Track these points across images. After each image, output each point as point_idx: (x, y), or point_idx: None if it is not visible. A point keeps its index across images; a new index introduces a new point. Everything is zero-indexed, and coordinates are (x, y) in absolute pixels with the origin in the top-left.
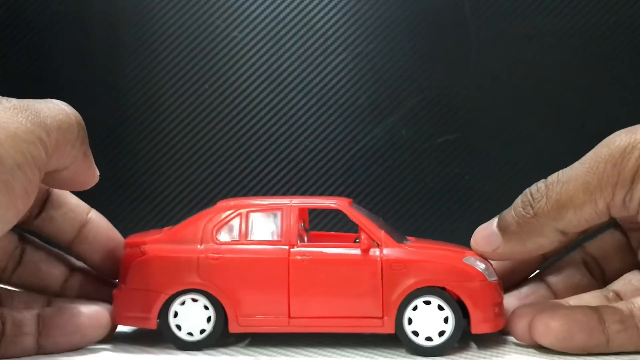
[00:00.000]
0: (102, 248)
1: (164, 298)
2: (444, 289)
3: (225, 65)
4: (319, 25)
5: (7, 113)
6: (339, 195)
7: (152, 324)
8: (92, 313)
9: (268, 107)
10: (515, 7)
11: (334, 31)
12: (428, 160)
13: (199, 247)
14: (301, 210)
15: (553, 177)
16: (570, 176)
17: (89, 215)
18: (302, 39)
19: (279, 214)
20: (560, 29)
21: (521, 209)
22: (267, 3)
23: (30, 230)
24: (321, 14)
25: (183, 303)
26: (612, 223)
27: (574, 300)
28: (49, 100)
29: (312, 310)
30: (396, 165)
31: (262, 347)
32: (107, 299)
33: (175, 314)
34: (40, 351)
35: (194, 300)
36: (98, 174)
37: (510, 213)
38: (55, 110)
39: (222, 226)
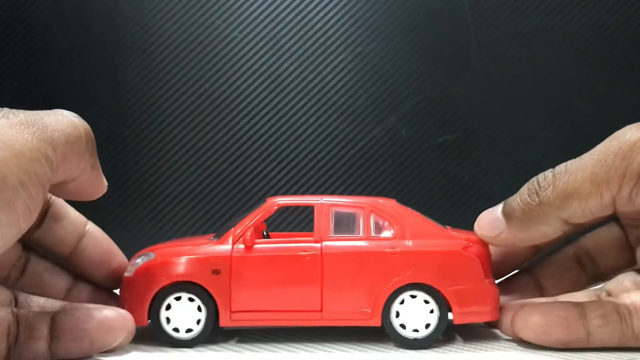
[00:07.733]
0: (100, 259)
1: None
2: None
3: (225, 65)
4: (319, 25)
5: (12, 130)
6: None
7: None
8: (103, 318)
9: (268, 107)
10: (515, 7)
11: (334, 31)
12: (428, 160)
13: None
14: None
15: (561, 167)
16: (578, 167)
17: (87, 228)
18: (302, 39)
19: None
20: (560, 29)
21: (527, 196)
22: (267, 3)
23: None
24: (321, 14)
25: None
26: (611, 218)
27: (564, 299)
28: (57, 111)
29: None
30: (396, 165)
31: (250, 343)
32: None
33: None
34: (52, 357)
35: None
36: (106, 184)
37: (516, 200)
38: (64, 123)
39: None
